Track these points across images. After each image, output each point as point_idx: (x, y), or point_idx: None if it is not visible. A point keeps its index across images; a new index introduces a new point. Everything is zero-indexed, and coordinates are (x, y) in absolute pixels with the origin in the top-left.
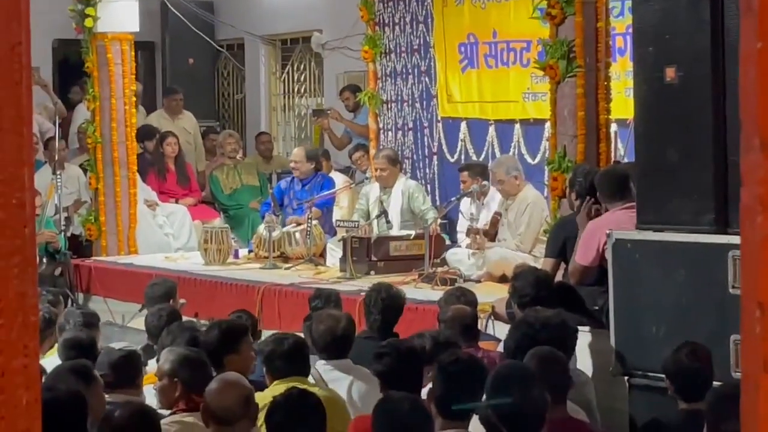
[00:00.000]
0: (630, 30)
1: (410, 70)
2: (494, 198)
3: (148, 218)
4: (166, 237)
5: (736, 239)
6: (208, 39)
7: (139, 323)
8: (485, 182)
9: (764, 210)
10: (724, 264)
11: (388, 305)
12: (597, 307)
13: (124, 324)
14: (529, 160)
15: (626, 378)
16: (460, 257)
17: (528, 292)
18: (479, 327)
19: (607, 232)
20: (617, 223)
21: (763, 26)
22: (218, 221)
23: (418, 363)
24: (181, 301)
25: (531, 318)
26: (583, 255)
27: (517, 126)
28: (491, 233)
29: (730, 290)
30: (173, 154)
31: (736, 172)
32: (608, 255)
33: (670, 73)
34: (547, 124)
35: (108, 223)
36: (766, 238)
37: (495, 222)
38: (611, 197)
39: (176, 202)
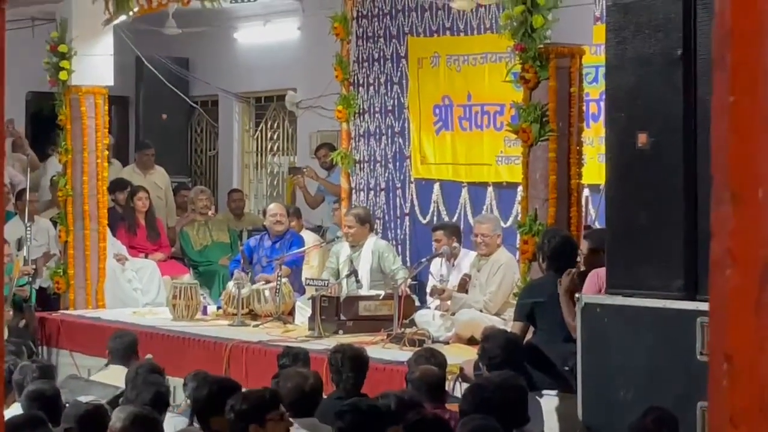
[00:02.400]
0: (603, 96)
1: (384, 131)
2: (465, 260)
3: (117, 273)
4: (135, 292)
5: (705, 306)
6: (182, 95)
7: (105, 377)
8: (456, 244)
9: (734, 262)
10: (693, 330)
11: (356, 364)
12: (568, 368)
13: (89, 378)
14: (501, 223)
15: None
16: (429, 318)
17: (497, 354)
18: (447, 388)
19: (577, 296)
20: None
21: (735, 81)
22: (188, 277)
23: (380, 422)
24: (148, 356)
25: (484, 381)
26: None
27: (490, 189)
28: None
29: (699, 356)
30: (144, 208)
31: (706, 239)
32: (577, 318)
33: (642, 138)
34: (520, 188)
35: (77, 276)
36: (735, 290)
37: (464, 284)
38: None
39: (146, 257)
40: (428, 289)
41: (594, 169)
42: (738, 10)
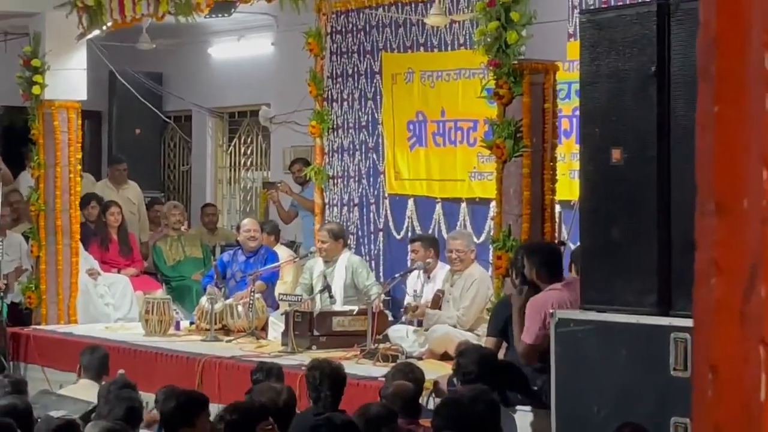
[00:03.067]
0: (576, 112)
1: (358, 146)
2: (440, 273)
3: (89, 288)
4: (107, 307)
5: (678, 321)
6: (155, 110)
7: (76, 392)
8: (430, 259)
9: (718, 273)
10: (666, 345)
11: (334, 381)
12: (536, 388)
13: (60, 393)
14: (475, 238)
15: None
16: (402, 334)
17: (472, 369)
18: (421, 403)
19: (551, 311)
20: (558, 300)
21: (721, 91)
22: (160, 292)
23: None
24: (120, 371)
25: (457, 396)
26: (528, 333)
27: (464, 204)
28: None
29: (672, 372)
30: (116, 223)
31: (679, 255)
32: (551, 333)
33: (616, 154)
34: (493, 204)
35: (48, 291)
36: (720, 301)
37: (437, 299)
38: (550, 277)
39: (118, 272)
40: (404, 305)
41: (566, 185)
42: (723, 20)
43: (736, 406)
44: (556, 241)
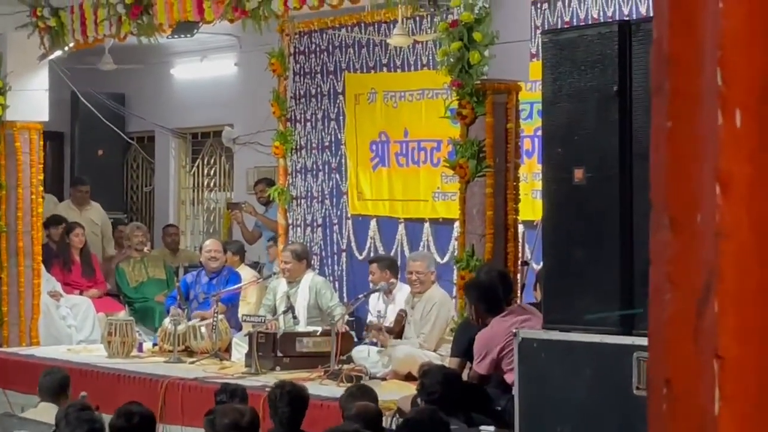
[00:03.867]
0: (538, 132)
1: (321, 167)
2: (400, 294)
3: (51, 309)
4: (69, 329)
5: (641, 340)
6: (118, 130)
7: (36, 414)
8: (393, 280)
9: (673, 288)
10: (629, 365)
11: (294, 398)
12: (500, 408)
13: (22, 416)
14: (438, 259)
15: None
16: (366, 354)
17: (436, 390)
18: (384, 425)
19: (514, 330)
20: (504, 333)
21: (673, 107)
22: (123, 314)
23: None
24: (82, 393)
25: (409, 417)
26: (478, 364)
27: (427, 225)
28: (396, 330)
29: (635, 391)
30: (80, 245)
31: (642, 274)
32: (515, 354)
33: (579, 174)
34: (456, 224)
35: (10, 313)
36: (674, 315)
37: (400, 320)
38: (487, 312)
39: (80, 293)
40: (367, 323)
41: (528, 205)
42: (676, 37)
43: (690, 421)
44: (520, 261)
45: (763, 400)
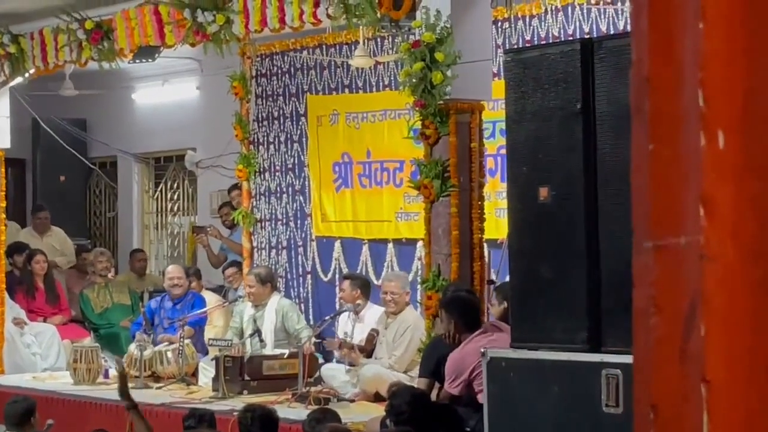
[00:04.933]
0: (500, 151)
1: (285, 189)
2: (369, 313)
3: (16, 337)
4: (34, 356)
5: (609, 357)
6: (80, 156)
7: None
8: (360, 301)
9: (657, 311)
10: (598, 382)
11: (266, 421)
12: (468, 429)
13: None
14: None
15: None
16: (335, 372)
17: (405, 410)
18: None
19: (482, 350)
20: (476, 354)
21: (654, 129)
22: (88, 340)
23: None
24: (49, 421)
25: None
26: (450, 384)
27: (390, 245)
28: (367, 349)
29: (604, 408)
30: (42, 272)
31: (609, 291)
32: (483, 373)
33: (544, 192)
34: (419, 244)
35: None
36: (660, 339)
37: (371, 339)
38: (465, 327)
39: (45, 320)
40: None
41: (492, 224)
42: (655, 58)
43: None
44: (486, 280)
45: (753, 423)
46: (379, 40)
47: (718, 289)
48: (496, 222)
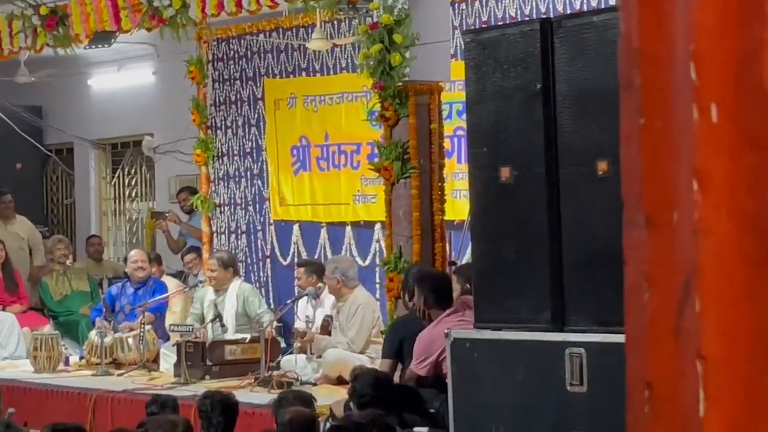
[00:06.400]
0: (458, 132)
1: (243, 174)
2: (328, 298)
3: None
4: None
5: (573, 336)
6: (36, 143)
7: None
8: (320, 284)
9: (651, 287)
10: (562, 361)
11: (226, 406)
12: (433, 410)
13: None
14: (360, 261)
15: None
16: (293, 364)
17: (367, 393)
18: (319, 430)
19: (446, 331)
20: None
21: (645, 103)
22: (48, 328)
23: None
24: (10, 410)
25: (351, 421)
26: (418, 365)
27: (348, 228)
28: (323, 335)
29: (569, 387)
30: (0, 260)
31: (571, 270)
32: (447, 354)
33: (505, 172)
34: (377, 226)
35: None
36: (654, 316)
37: (326, 325)
38: (436, 303)
39: (3, 309)
40: (293, 330)
41: (449, 205)
42: (645, 30)
43: (674, 423)
44: (448, 262)
45: (750, 400)
46: (336, 22)
47: (713, 263)
48: (452, 203)
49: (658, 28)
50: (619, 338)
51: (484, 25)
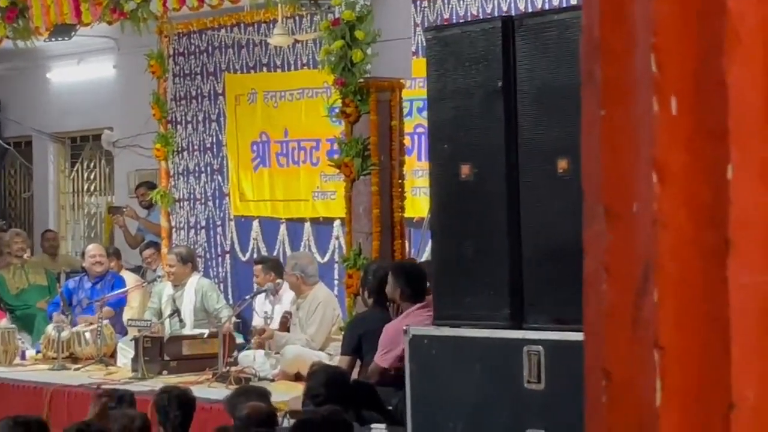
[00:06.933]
0: (418, 129)
1: (203, 169)
2: (286, 294)
3: None
4: None
5: (531, 334)
6: None
7: None
8: (279, 280)
9: (609, 277)
10: (520, 359)
11: (183, 401)
12: (390, 407)
13: None
14: (319, 258)
15: None
16: (251, 360)
17: (321, 392)
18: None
19: (404, 327)
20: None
21: (606, 95)
22: (4, 322)
23: None
24: None
25: (309, 418)
26: (382, 356)
27: (307, 224)
28: (282, 332)
29: (526, 385)
30: None
31: (530, 268)
32: (405, 351)
33: (465, 170)
34: (336, 223)
35: None
36: (612, 306)
37: (285, 321)
38: (409, 296)
39: None
40: (251, 327)
41: (408, 202)
42: (607, 23)
43: (631, 412)
44: (407, 259)
45: (705, 389)
46: (297, 18)
47: (671, 255)
48: (412, 200)
49: (619, 21)
50: (577, 336)
51: (445, 23)
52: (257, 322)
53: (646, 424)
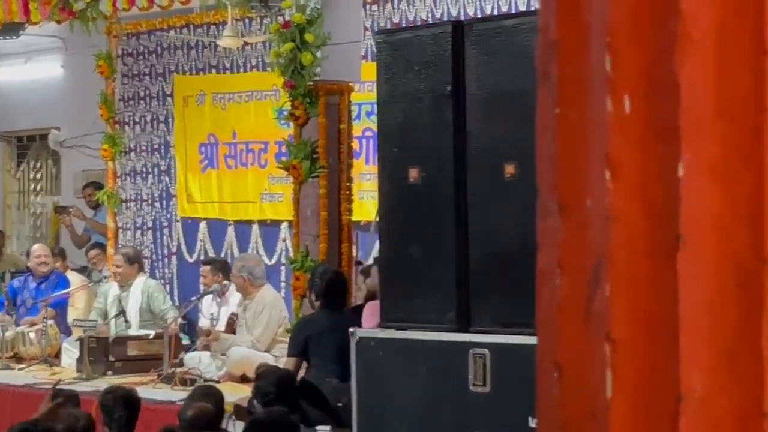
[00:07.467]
0: (366, 133)
1: (150, 170)
2: (233, 296)
3: None
4: None
5: (477, 337)
6: None
7: None
8: (225, 282)
9: (562, 272)
10: (466, 361)
11: (128, 401)
12: (341, 404)
13: None
14: (267, 260)
15: None
16: (197, 362)
17: (271, 391)
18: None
19: (351, 330)
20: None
21: (561, 93)
22: None
23: None
24: None
25: (257, 419)
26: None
27: (255, 226)
28: (228, 333)
29: (472, 387)
30: None
31: (477, 272)
32: (351, 353)
33: (414, 173)
34: (284, 225)
35: None
36: (564, 300)
37: (231, 323)
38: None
39: None
40: (197, 328)
41: (355, 206)
42: (562, 23)
43: (582, 404)
44: (354, 261)
45: (654, 381)
46: (247, 20)
47: (623, 249)
48: (360, 204)
49: (575, 21)
50: (523, 339)
51: (395, 27)
52: (203, 323)
53: (597, 415)
